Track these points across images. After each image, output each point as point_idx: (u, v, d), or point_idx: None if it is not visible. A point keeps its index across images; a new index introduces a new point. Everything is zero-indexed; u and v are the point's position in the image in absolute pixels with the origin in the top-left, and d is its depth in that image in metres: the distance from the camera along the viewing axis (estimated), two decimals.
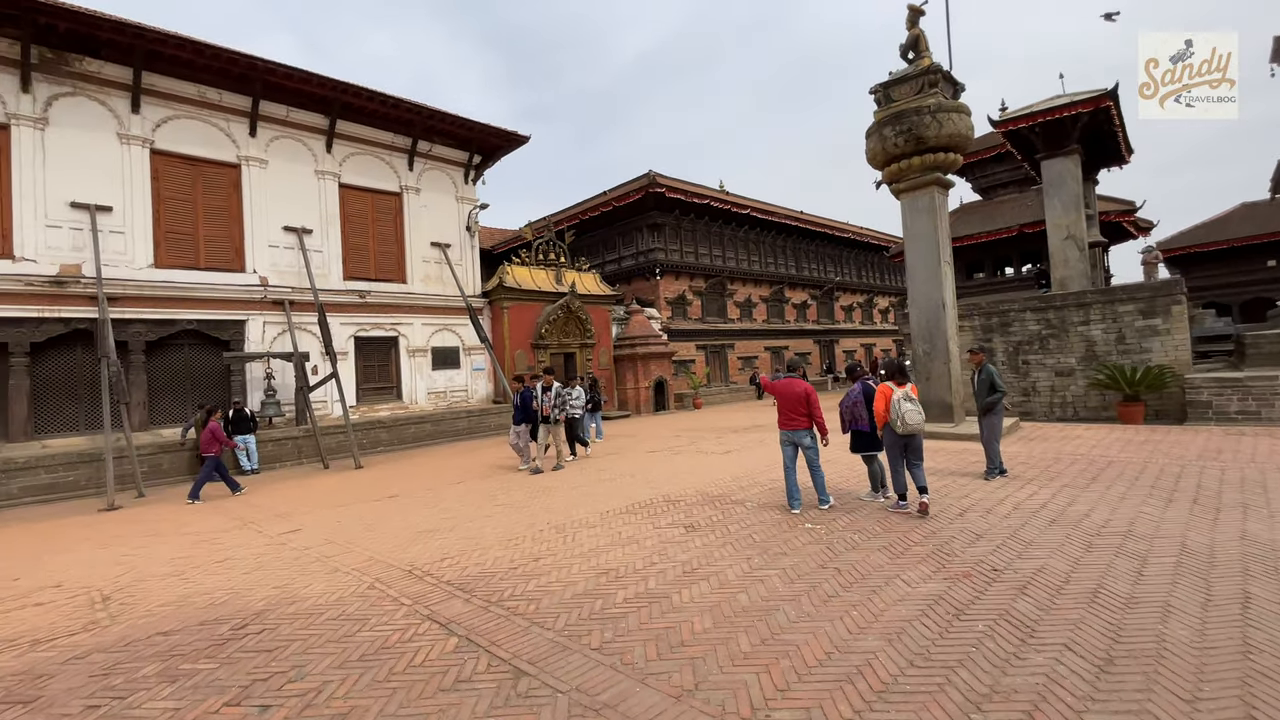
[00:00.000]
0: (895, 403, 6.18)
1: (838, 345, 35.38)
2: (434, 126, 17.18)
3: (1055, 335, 13.86)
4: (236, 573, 5.56)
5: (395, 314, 16.66)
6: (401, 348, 16.79)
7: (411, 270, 17.12)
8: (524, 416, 10.67)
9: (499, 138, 18.20)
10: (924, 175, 11.34)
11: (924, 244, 11.48)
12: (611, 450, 12.31)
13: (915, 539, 5.28)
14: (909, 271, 11.79)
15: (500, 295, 18.29)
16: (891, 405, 6.19)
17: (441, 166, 18.06)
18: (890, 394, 6.26)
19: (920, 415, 6.19)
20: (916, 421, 6.12)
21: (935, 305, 11.37)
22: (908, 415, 6.10)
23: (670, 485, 8.16)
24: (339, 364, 15.41)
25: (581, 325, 20.09)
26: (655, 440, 13.65)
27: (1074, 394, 13.61)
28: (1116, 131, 15.83)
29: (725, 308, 27.76)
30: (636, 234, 25.38)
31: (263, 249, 14.66)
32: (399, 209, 17.14)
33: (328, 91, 15.03)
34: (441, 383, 17.48)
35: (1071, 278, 15.29)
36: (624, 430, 16.55)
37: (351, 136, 16.23)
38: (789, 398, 6.38)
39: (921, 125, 10.85)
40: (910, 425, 6.09)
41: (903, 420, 6.09)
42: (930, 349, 11.43)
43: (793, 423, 6.37)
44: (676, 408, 23.15)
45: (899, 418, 6.11)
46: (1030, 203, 23.51)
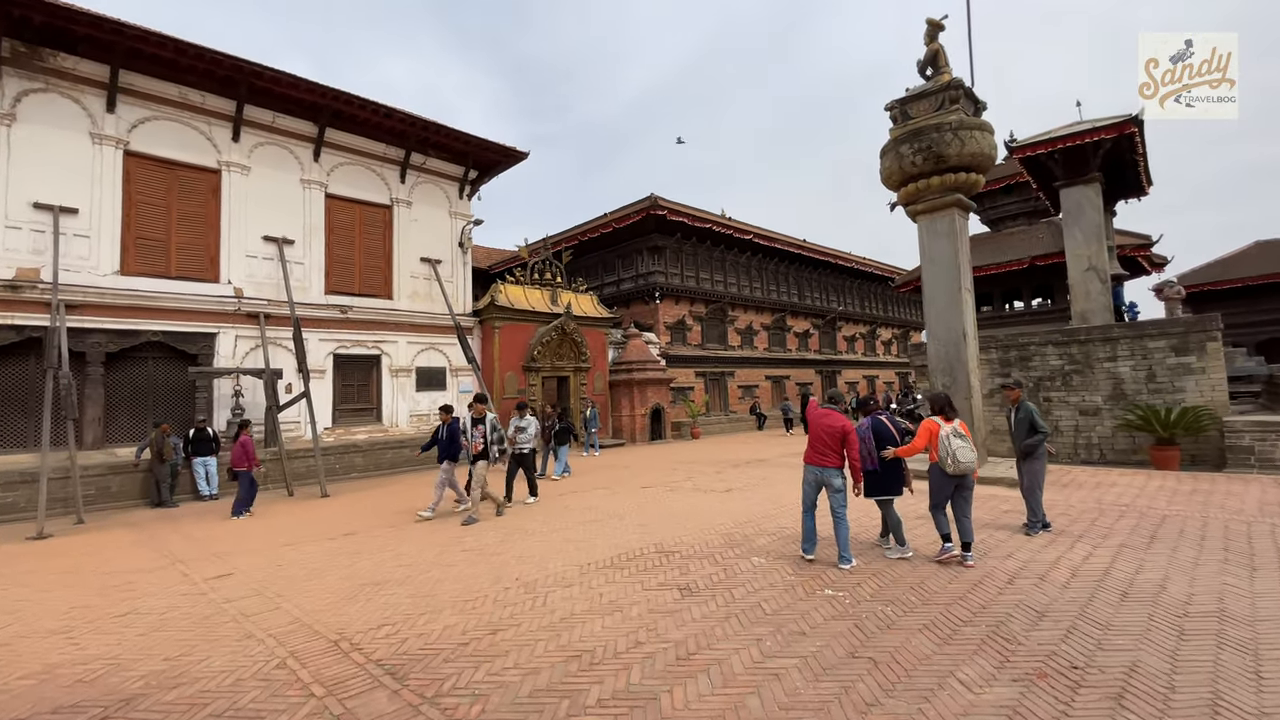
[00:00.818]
0: (944, 439, 5.55)
1: (840, 376, 34.50)
2: (428, 139, 16.54)
3: (1079, 371, 12.98)
4: (132, 633, 4.56)
5: (379, 331, 15.78)
6: (384, 367, 15.87)
7: (398, 286, 16.30)
8: (448, 453, 8.89)
9: (496, 153, 17.57)
10: (943, 196, 10.58)
11: (943, 269, 10.67)
12: (602, 484, 11.30)
13: (962, 614, 4.31)
14: (926, 299, 10.96)
15: (492, 314, 17.44)
16: (940, 442, 5.56)
17: (435, 180, 17.39)
18: (937, 430, 5.63)
19: (973, 454, 5.51)
20: (969, 460, 5.46)
21: (955, 335, 10.51)
22: (959, 453, 5.46)
23: (664, 531, 7.16)
24: (315, 383, 14.49)
25: (576, 348, 19.22)
26: (650, 473, 12.65)
27: (1100, 435, 12.67)
28: (1138, 160, 15.19)
29: (726, 334, 26.94)
30: (636, 256, 24.69)
31: (239, 259, 13.84)
32: (388, 222, 16.40)
33: (317, 98, 14.39)
34: (425, 405, 16.52)
35: (1093, 311, 14.49)
36: (617, 461, 15.54)
37: (341, 146, 15.56)
38: (822, 430, 5.63)
39: (942, 143, 10.13)
40: (962, 464, 5.46)
41: (954, 458, 5.47)
42: (950, 383, 10.53)
43: (823, 458, 5.63)
44: (674, 437, 22.15)
45: (949, 455, 5.48)
46: (1041, 235, 22.87)
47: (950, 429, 5.61)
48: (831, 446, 5.58)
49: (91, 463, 11.24)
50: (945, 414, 5.77)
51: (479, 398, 8.99)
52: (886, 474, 5.83)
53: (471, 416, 8.80)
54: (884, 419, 5.98)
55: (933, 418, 5.81)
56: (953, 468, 5.49)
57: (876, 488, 5.90)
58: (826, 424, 5.62)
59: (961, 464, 5.46)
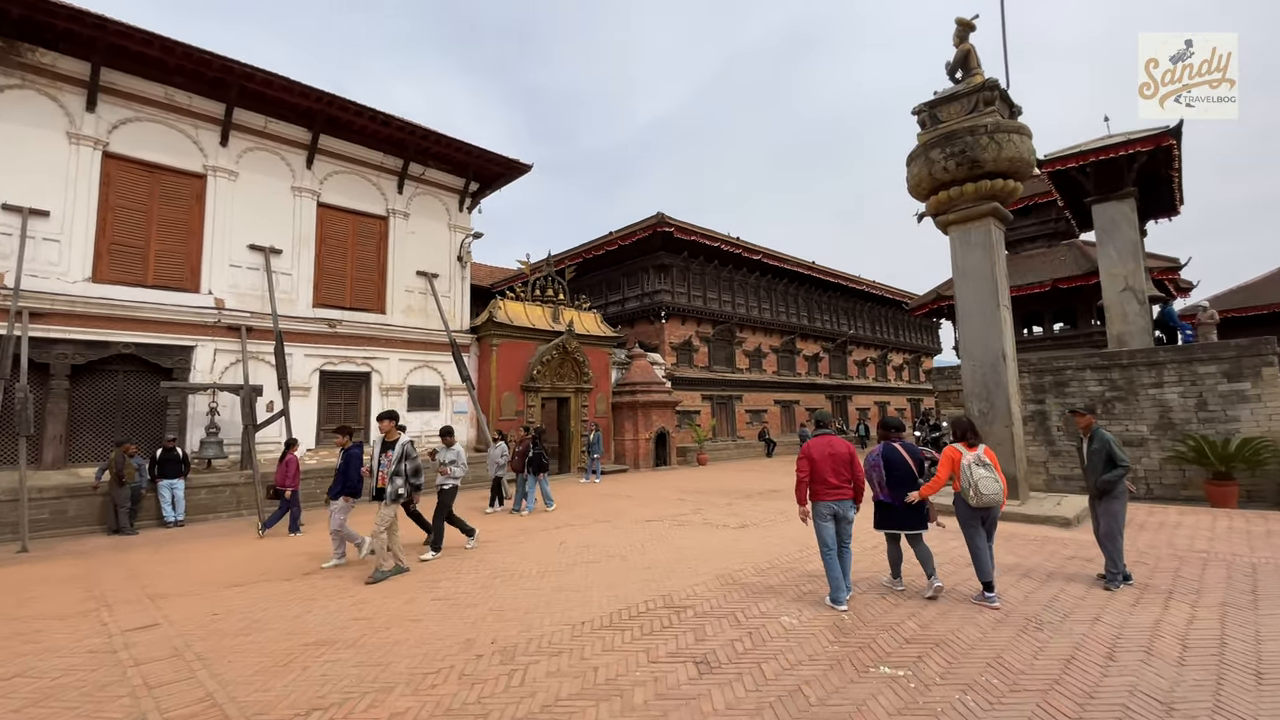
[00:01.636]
0: (966, 468, 5.12)
1: (851, 402, 33.44)
2: (428, 149, 15.89)
3: (1122, 398, 11.97)
4: (4, 708, 3.58)
5: (369, 347, 14.93)
6: (374, 385, 14.98)
7: (392, 300, 15.49)
8: (343, 487, 7.22)
9: (498, 165, 16.90)
10: (978, 205, 9.73)
11: (978, 284, 9.77)
12: (602, 516, 10.28)
13: (1067, 707, 3.29)
14: (960, 316, 10.04)
15: (490, 331, 16.59)
16: (962, 472, 5.13)
17: (434, 192, 16.70)
18: (959, 458, 5.20)
19: (998, 485, 5.08)
20: (994, 492, 5.04)
21: (993, 356, 9.56)
22: (982, 484, 5.03)
23: (674, 578, 6.14)
24: (299, 401, 13.61)
25: (578, 368, 18.31)
26: (654, 504, 11.62)
27: (1147, 468, 11.61)
28: (1173, 176, 14.38)
29: (734, 356, 26.02)
30: (642, 275, 23.93)
31: (222, 268, 13.06)
32: (384, 234, 15.66)
33: (311, 103, 13.76)
34: (418, 426, 15.57)
35: (1131, 334, 13.53)
36: (619, 489, 14.50)
37: (336, 153, 14.90)
38: (831, 460, 5.09)
39: (977, 147, 9.32)
40: (986, 497, 5.02)
41: (976, 490, 5.03)
42: (988, 409, 9.55)
43: (837, 491, 5.08)
44: (679, 463, 21.09)
45: (971, 487, 5.05)
46: (1062, 257, 22.01)
47: (973, 457, 5.16)
48: (844, 475, 5.10)
49: (49, 484, 10.29)
50: (968, 440, 5.32)
51: (386, 414, 7.02)
52: (903, 507, 5.28)
53: (381, 441, 6.92)
54: (898, 446, 5.38)
55: (955, 444, 5.35)
56: (975, 500, 5.04)
57: (889, 520, 5.39)
58: (833, 451, 5.13)
59: (985, 496, 5.00)
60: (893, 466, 5.29)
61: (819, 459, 5.09)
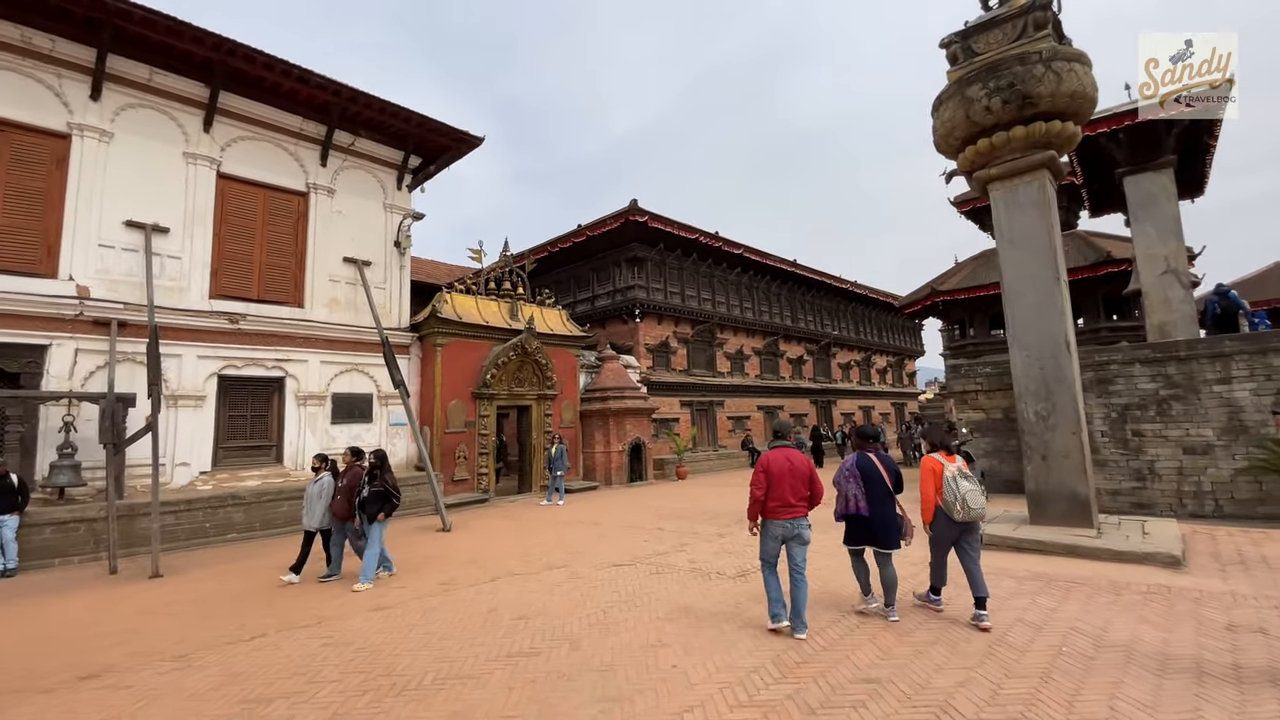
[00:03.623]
0: (950, 481, 4.95)
1: (835, 407, 31.61)
2: (358, 114, 13.48)
3: (1180, 397, 10.11)
4: None
5: (283, 347, 12.40)
6: (288, 392, 12.44)
7: (312, 291, 12.99)
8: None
9: (444, 136, 14.54)
10: (1029, 154, 7.76)
11: (1030, 254, 7.78)
12: (557, 558, 7.95)
13: None
14: (1007, 296, 8.03)
15: (434, 329, 14.17)
16: (946, 485, 4.97)
17: (367, 165, 14.28)
18: (941, 469, 5.05)
19: (983, 497, 5.01)
20: (981, 505, 4.91)
21: (1053, 344, 7.55)
22: (970, 497, 4.89)
23: (651, 695, 3.87)
24: (191, 412, 11.11)
25: (540, 371, 15.97)
26: (627, 535, 9.34)
27: (1214, 480, 9.73)
28: (1210, 145, 12.75)
29: (714, 359, 23.91)
30: (614, 269, 21.71)
31: (88, 249, 10.49)
32: (303, 212, 13.18)
33: (208, 52, 11.27)
34: (344, 441, 13.02)
35: (1175, 322, 11.76)
36: (585, 512, 12.19)
37: (242, 115, 12.41)
38: (791, 476, 4.77)
39: (1030, 79, 7.34)
40: (974, 510, 4.87)
41: (963, 504, 4.86)
42: (1047, 410, 7.52)
43: (793, 509, 4.77)
44: (656, 476, 18.84)
45: (957, 500, 4.89)
46: (1068, 248, 20.41)
47: (955, 469, 5.02)
48: (801, 492, 4.79)
49: None
50: (947, 450, 5.19)
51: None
52: (879, 522, 4.97)
53: None
54: (873, 457, 5.10)
55: (933, 455, 5.19)
56: (962, 514, 4.88)
57: (861, 534, 5.08)
58: (793, 466, 4.79)
59: (973, 510, 4.87)
60: (868, 479, 4.98)
61: (778, 475, 4.73)
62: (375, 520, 6.98)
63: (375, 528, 7.00)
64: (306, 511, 7.49)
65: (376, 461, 7.32)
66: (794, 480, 4.72)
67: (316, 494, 7.45)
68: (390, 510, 7.09)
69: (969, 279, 21.26)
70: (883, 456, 5.09)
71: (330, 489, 7.42)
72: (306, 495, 7.54)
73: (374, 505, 6.99)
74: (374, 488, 7.06)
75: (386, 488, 7.06)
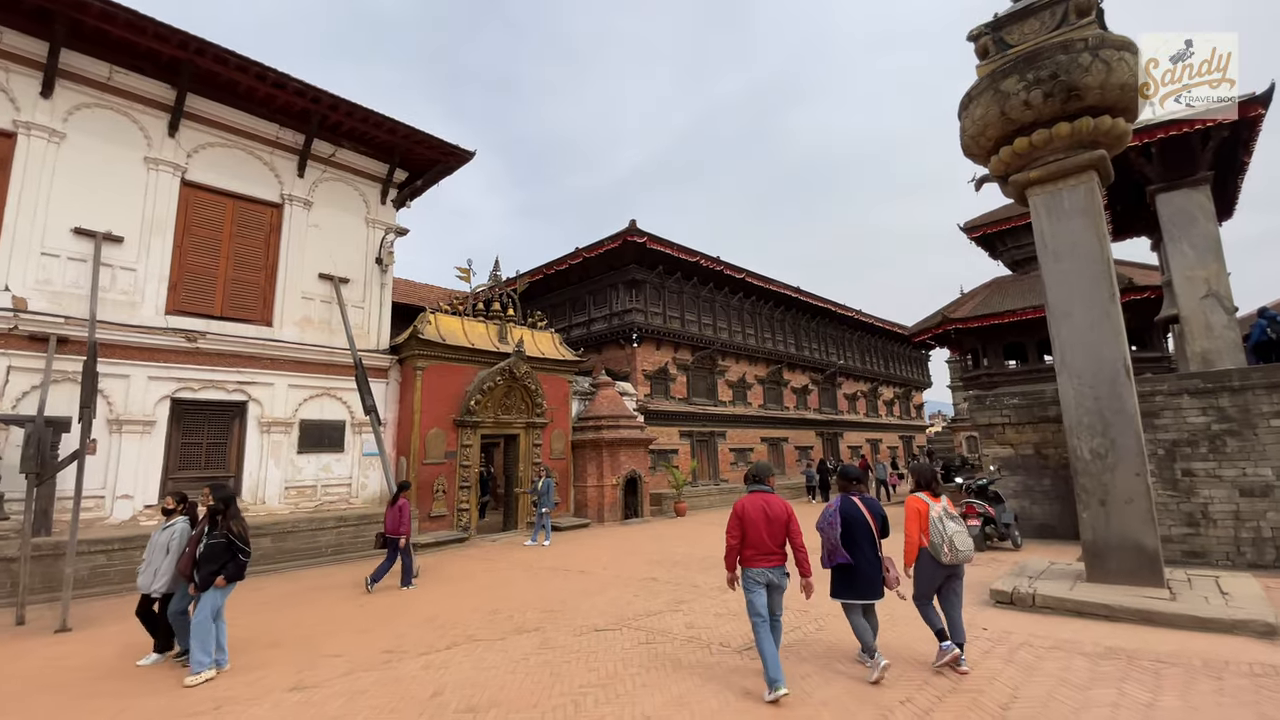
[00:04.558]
0: (936, 522, 4.64)
1: (842, 439, 30.42)
2: (339, 124, 12.71)
3: (1234, 432, 9.03)
4: None
5: (247, 368, 11.38)
6: (251, 418, 11.38)
7: (282, 309, 12.03)
8: None
9: (433, 149, 13.76)
10: (1074, 154, 6.86)
11: (1079, 267, 6.81)
12: (530, 620, 6.78)
13: None
14: (1053, 316, 7.03)
15: (414, 351, 13.17)
16: (932, 526, 4.65)
17: (347, 178, 13.46)
18: (926, 509, 4.73)
19: (970, 539, 4.67)
20: (969, 548, 4.60)
21: (1109, 370, 6.53)
22: (957, 539, 4.59)
23: None
24: (139, 439, 10.04)
25: (530, 398, 14.91)
26: (615, 588, 8.17)
27: (1275, 525, 8.59)
28: (1245, 163, 11.93)
29: (716, 387, 22.86)
30: (611, 292, 20.82)
31: (29, 258, 9.56)
32: (275, 225, 12.30)
33: (174, 50, 10.52)
34: (312, 473, 11.95)
35: (1218, 350, 10.75)
36: (573, 556, 11.01)
37: (212, 120, 11.62)
38: (768, 524, 4.44)
39: (1075, 68, 6.47)
40: (961, 553, 4.57)
41: (950, 546, 4.57)
42: (1105, 447, 6.45)
43: (771, 557, 4.47)
44: (653, 511, 17.61)
45: (945, 543, 4.58)
46: None
47: (941, 509, 4.73)
48: (779, 539, 4.49)
49: None
50: (932, 490, 4.89)
51: None
52: (862, 571, 4.59)
53: None
54: (857, 500, 4.80)
55: (917, 494, 4.90)
56: (949, 556, 4.58)
57: (849, 587, 4.65)
58: (769, 513, 4.49)
59: (960, 552, 4.57)
60: (851, 524, 4.69)
61: (754, 521, 4.49)
62: (211, 586, 5.07)
63: (207, 597, 5.07)
64: (144, 567, 5.57)
65: (220, 501, 5.34)
66: (771, 527, 4.46)
67: (163, 545, 5.53)
68: (235, 572, 5.20)
69: (982, 307, 20.35)
70: (867, 500, 4.83)
71: (183, 539, 5.52)
72: (150, 546, 5.66)
73: (210, 564, 5.09)
74: (213, 539, 5.15)
75: (230, 538, 5.15)
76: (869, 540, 4.66)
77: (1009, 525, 9.84)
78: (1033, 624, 5.71)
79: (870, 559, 4.63)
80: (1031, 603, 6.08)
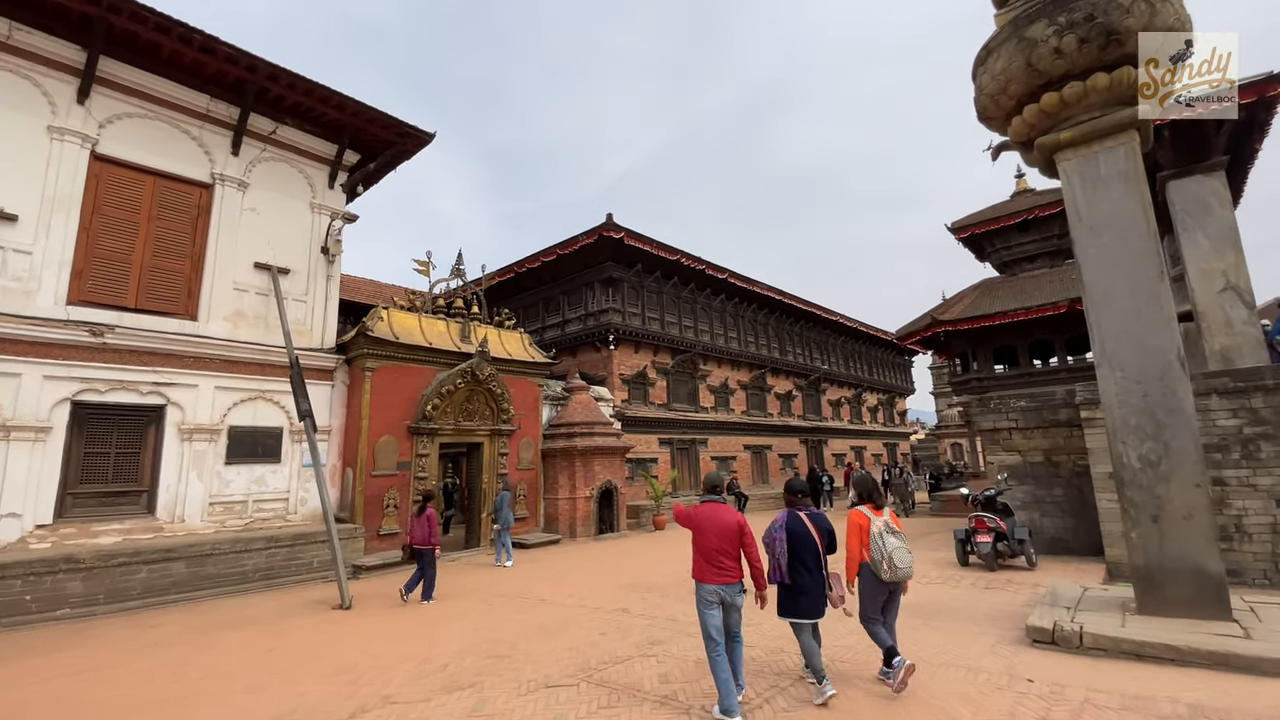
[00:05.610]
0: (877, 537, 4.49)
1: (826, 447, 29.53)
2: (281, 97, 11.43)
3: (1269, 436, 8.14)
4: None
5: (165, 367, 10.00)
6: (169, 424, 9.99)
7: (210, 302, 10.67)
8: None
9: (386, 129, 12.52)
10: (1113, 110, 5.90)
11: (1122, 241, 5.83)
12: (469, 671, 5.57)
13: None
14: (1090, 300, 6.04)
15: (364, 351, 11.86)
16: (873, 541, 4.50)
17: (290, 158, 12.16)
18: (867, 524, 4.58)
19: (911, 556, 4.50)
20: (908, 564, 4.44)
21: (1160, 362, 5.54)
22: (896, 556, 4.40)
23: None
24: (25, 447, 8.62)
25: (495, 402, 13.66)
26: (577, 620, 6.96)
27: None
28: (1257, 149, 11.23)
29: (697, 392, 21.77)
30: (586, 291, 19.66)
31: None
32: (205, 207, 10.96)
33: (84, 6, 9.23)
34: (242, 486, 10.57)
35: (1239, 348, 9.94)
36: (535, 580, 9.78)
37: (131, 87, 10.29)
38: (717, 534, 4.22)
39: (1114, 9, 5.53)
40: (901, 570, 4.40)
41: (890, 563, 4.39)
42: (1157, 453, 5.45)
43: (724, 574, 4.19)
44: (630, 525, 16.41)
45: (884, 558, 4.41)
46: (1073, 277, 18.89)
47: (883, 524, 4.55)
48: (731, 553, 4.22)
49: None
50: (874, 502, 4.72)
51: None
52: (804, 589, 4.37)
53: None
54: (803, 515, 4.53)
55: (859, 508, 4.73)
56: (889, 574, 4.40)
57: (793, 606, 4.42)
58: (720, 522, 4.25)
59: (899, 570, 4.39)
60: (796, 540, 4.41)
61: (705, 531, 4.23)
62: None
63: None
64: None
65: None
66: (722, 540, 4.21)
67: None
68: None
69: (972, 308, 19.59)
70: (814, 514, 4.59)
71: None
72: None
73: None
74: None
75: None
76: (814, 557, 4.43)
77: (1023, 541, 8.84)
78: (1086, 672, 4.64)
79: (815, 577, 4.41)
80: (1078, 642, 5.03)
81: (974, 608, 6.80)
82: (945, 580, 8.36)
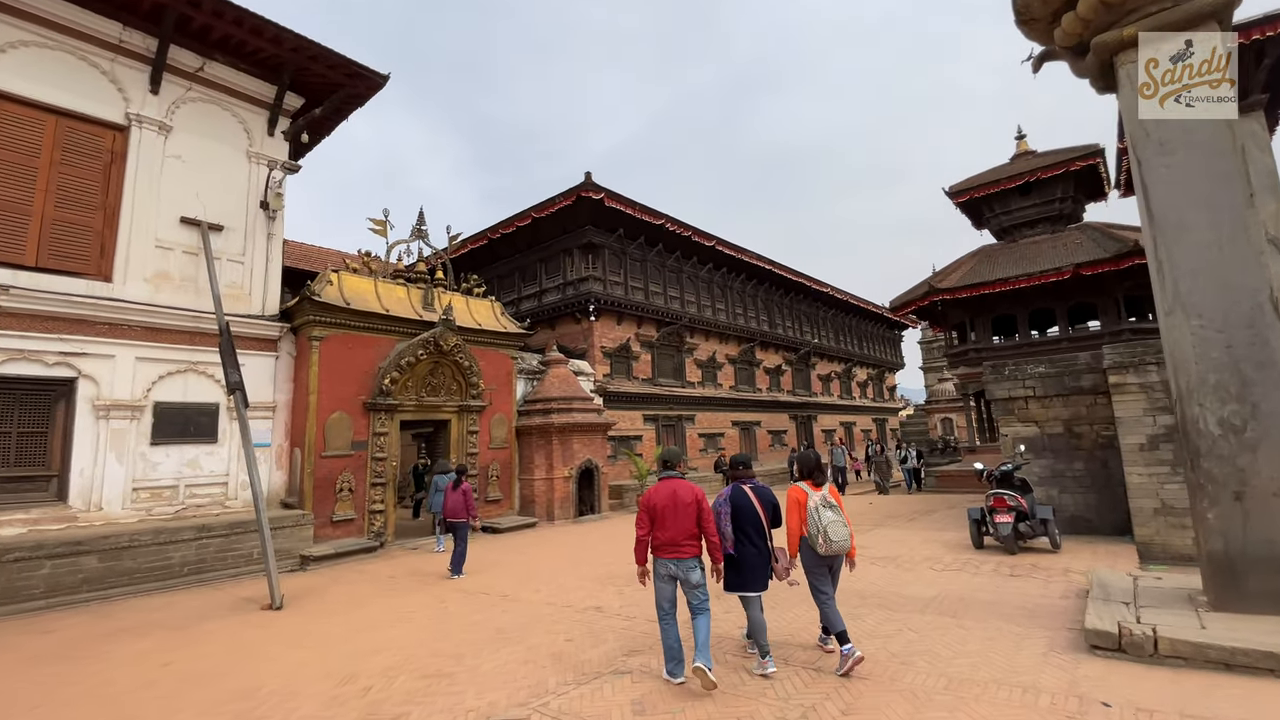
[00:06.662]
0: (814, 511, 4.46)
1: (816, 422, 28.74)
2: (207, 28, 9.98)
3: None
4: None
5: (75, 335, 8.72)
6: (82, 399, 8.74)
7: (127, 260, 9.35)
8: None
9: (333, 68, 11.11)
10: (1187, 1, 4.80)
11: (1201, 159, 4.79)
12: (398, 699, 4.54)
13: None
14: (1160, 231, 4.99)
15: (311, 318, 10.60)
16: (809, 515, 4.47)
17: (222, 100, 10.75)
18: (805, 499, 4.54)
19: (847, 530, 4.47)
20: (843, 538, 4.41)
21: (1247, 304, 4.54)
22: (831, 529, 4.37)
23: None
24: None
25: (463, 376, 12.50)
26: (540, 623, 5.95)
27: None
28: None
29: (683, 366, 20.73)
30: (565, 258, 18.42)
31: None
32: (119, 152, 9.57)
33: None
34: (172, 469, 9.38)
35: None
36: (501, 570, 8.76)
37: (24, 10, 8.82)
38: (674, 510, 4.22)
39: None
40: (835, 544, 4.37)
41: (825, 536, 4.36)
42: (1242, 416, 4.47)
43: (679, 549, 4.21)
44: (613, 505, 15.44)
45: (820, 532, 4.38)
46: (1077, 241, 18.04)
47: (820, 498, 4.53)
48: (688, 529, 4.24)
49: None
50: (814, 479, 4.66)
51: None
52: (747, 561, 4.37)
53: None
54: (747, 489, 4.54)
55: (798, 484, 4.69)
56: (824, 548, 4.37)
57: (737, 578, 4.41)
58: (676, 500, 4.24)
59: (834, 543, 4.36)
60: (740, 513, 4.43)
61: (662, 510, 4.23)
62: None
63: None
64: None
65: None
66: (678, 516, 4.19)
67: None
68: None
69: (971, 276, 18.64)
70: (758, 488, 4.58)
71: None
72: None
73: None
74: None
75: None
76: (757, 530, 4.42)
77: (1046, 521, 7.94)
78: (1169, 689, 3.69)
79: (759, 549, 4.40)
80: (1152, 649, 4.08)
81: (1003, 599, 5.87)
82: (963, 566, 7.45)
